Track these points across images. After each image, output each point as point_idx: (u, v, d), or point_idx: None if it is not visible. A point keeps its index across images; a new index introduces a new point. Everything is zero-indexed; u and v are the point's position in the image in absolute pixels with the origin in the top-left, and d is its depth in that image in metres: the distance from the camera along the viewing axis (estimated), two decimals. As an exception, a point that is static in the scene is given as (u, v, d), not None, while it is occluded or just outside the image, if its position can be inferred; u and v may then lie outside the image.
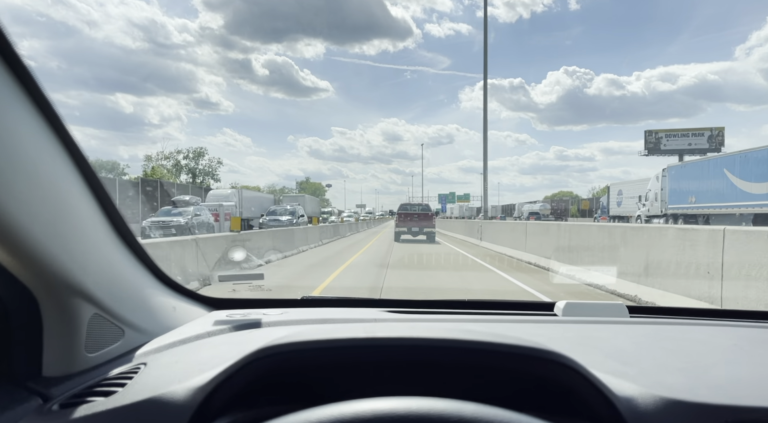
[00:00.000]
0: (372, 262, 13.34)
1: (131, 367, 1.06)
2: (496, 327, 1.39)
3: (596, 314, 1.51)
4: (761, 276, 5.60)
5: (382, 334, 0.86)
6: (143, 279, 1.32)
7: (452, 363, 0.86)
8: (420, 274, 11.15)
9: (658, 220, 28.86)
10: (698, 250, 6.65)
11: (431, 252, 16.67)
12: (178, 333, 1.30)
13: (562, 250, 11.56)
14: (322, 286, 8.93)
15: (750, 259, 5.77)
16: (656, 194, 29.78)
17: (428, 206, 25.57)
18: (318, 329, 0.91)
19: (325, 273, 10.93)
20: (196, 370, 0.93)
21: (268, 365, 0.84)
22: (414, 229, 23.30)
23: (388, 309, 1.62)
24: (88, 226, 1.06)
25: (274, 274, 10.29)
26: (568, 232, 11.63)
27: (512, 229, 16.54)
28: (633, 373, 0.96)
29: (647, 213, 30.85)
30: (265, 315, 1.47)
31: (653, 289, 7.38)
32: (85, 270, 1.03)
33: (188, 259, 8.70)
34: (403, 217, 23.69)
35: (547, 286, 9.18)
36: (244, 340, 1.23)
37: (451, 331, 0.87)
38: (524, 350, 0.83)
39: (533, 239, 13.94)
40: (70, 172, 0.98)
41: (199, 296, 1.64)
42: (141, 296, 1.28)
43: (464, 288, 8.88)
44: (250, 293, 6.93)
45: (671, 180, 28.37)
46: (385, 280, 9.58)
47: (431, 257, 14.68)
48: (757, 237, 5.75)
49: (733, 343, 1.23)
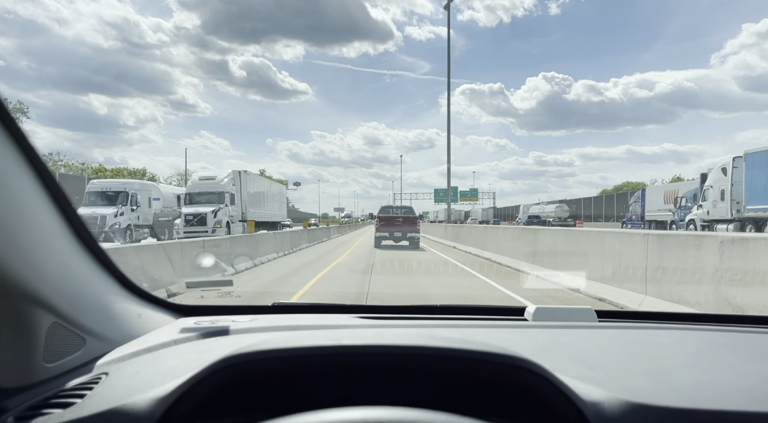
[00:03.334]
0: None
1: (92, 378, 1.03)
2: (467, 332, 1.39)
3: (566, 319, 1.53)
4: None
5: (348, 342, 0.85)
6: (106, 285, 1.29)
7: (420, 370, 0.86)
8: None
9: (726, 226, 21.50)
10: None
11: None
12: (143, 341, 1.26)
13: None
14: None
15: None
16: (722, 192, 22.32)
17: (412, 209, 23.73)
18: (284, 337, 0.90)
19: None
20: (158, 379, 0.91)
21: (232, 374, 0.83)
22: (396, 234, 21.63)
23: (360, 315, 1.61)
24: (46, 231, 1.03)
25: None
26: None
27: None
28: (600, 378, 0.97)
29: (706, 216, 23.42)
30: (233, 322, 1.45)
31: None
32: (43, 277, 1.00)
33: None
34: (384, 221, 21.86)
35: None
36: (211, 347, 1.21)
37: (418, 338, 0.87)
38: (491, 357, 0.84)
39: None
40: (24, 175, 0.95)
41: (165, 303, 1.60)
42: (103, 303, 1.25)
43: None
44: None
45: (752, 171, 20.47)
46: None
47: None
48: None
49: (696, 347, 1.27)
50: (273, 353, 0.83)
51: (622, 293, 7.71)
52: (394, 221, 21.77)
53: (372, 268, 13.26)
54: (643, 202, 37.41)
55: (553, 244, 11.33)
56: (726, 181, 22.22)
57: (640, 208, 37.64)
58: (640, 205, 37.72)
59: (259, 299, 8.16)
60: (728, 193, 21.92)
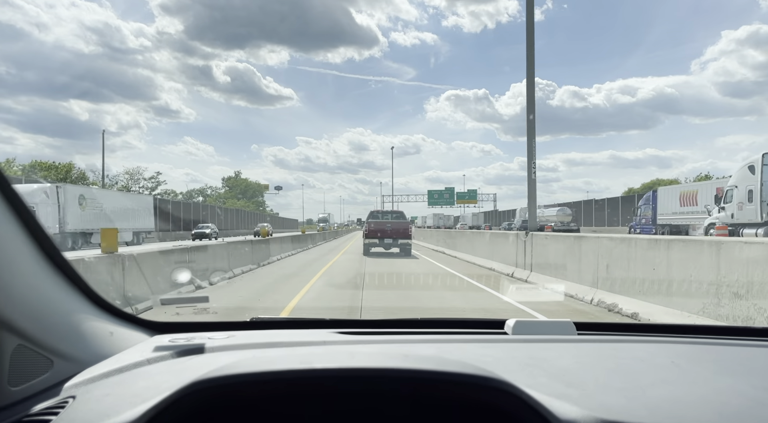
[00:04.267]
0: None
1: (58, 401, 0.99)
2: (445, 348, 1.39)
3: (545, 332, 1.54)
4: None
5: (320, 365, 0.84)
6: (75, 303, 1.25)
7: (394, 392, 0.85)
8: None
9: (755, 231, 18.71)
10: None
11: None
12: (115, 361, 1.23)
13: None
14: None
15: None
16: (750, 192, 19.40)
17: (402, 214, 22.60)
18: (257, 358, 0.88)
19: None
20: (128, 402, 0.88)
21: (203, 398, 0.81)
22: (386, 240, 20.22)
23: (339, 330, 1.59)
24: (9, 249, 0.99)
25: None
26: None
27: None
28: (576, 395, 0.98)
29: (729, 220, 20.55)
30: (210, 339, 1.42)
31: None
32: (6, 296, 0.96)
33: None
34: (373, 227, 20.48)
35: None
36: (185, 367, 1.18)
37: (391, 359, 0.86)
38: (465, 378, 0.83)
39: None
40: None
41: (139, 320, 1.56)
42: (72, 322, 1.21)
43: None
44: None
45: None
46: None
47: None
48: None
49: (670, 360, 1.28)
50: (243, 377, 0.82)
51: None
52: (384, 227, 20.51)
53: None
54: (654, 205, 33.51)
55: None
56: (754, 181, 19.27)
57: (650, 211, 33.87)
58: (651, 207, 33.87)
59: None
60: (757, 193, 19.08)
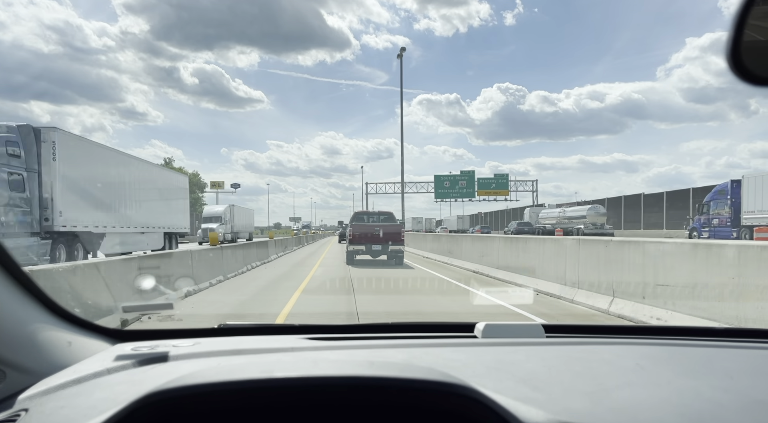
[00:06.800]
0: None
1: (9, 415, 0.95)
2: (414, 353, 1.38)
3: (514, 335, 1.55)
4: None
5: (281, 375, 0.82)
6: (30, 312, 1.19)
7: (359, 400, 0.84)
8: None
9: None
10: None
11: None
12: (72, 371, 1.18)
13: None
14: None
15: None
16: None
17: (392, 215, 19.05)
18: (216, 370, 0.85)
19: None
20: (84, 415, 0.84)
21: (159, 410, 0.78)
22: (375, 247, 16.84)
23: (308, 336, 1.57)
24: None
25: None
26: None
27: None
28: (542, 399, 0.98)
29: None
30: (174, 346, 1.37)
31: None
32: None
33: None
34: (359, 231, 17.07)
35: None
36: (146, 377, 1.14)
37: (356, 367, 0.85)
38: (430, 385, 0.83)
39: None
40: None
41: (100, 328, 1.50)
42: (26, 332, 1.16)
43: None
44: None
45: None
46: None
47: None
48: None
49: (635, 362, 1.29)
50: (200, 388, 0.79)
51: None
52: (371, 231, 17.07)
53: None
54: (736, 199, 26.08)
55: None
56: None
57: (728, 207, 26.59)
58: (729, 203, 26.50)
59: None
60: None
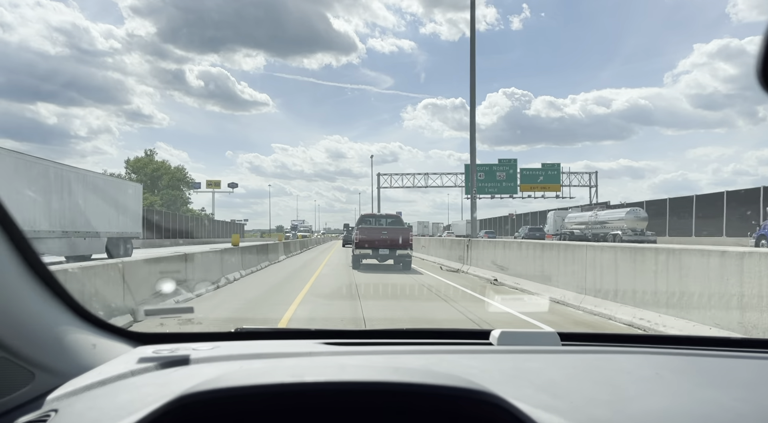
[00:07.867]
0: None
1: (40, 415, 0.97)
2: (432, 359, 1.39)
3: (530, 343, 1.54)
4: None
5: (311, 379, 0.84)
6: (57, 314, 1.23)
7: (383, 404, 0.85)
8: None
9: None
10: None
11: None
12: (97, 373, 1.21)
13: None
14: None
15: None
16: None
17: (400, 219, 18.97)
18: (244, 371, 0.87)
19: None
20: (113, 415, 0.87)
21: (188, 412, 0.80)
22: (381, 251, 16.41)
23: (324, 341, 1.58)
24: None
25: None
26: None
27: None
28: (563, 407, 0.98)
29: None
30: (194, 350, 1.40)
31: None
32: None
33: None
34: (366, 235, 16.64)
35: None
36: (169, 380, 1.16)
37: (381, 372, 0.86)
38: (453, 391, 0.84)
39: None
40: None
41: (123, 331, 1.54)
42: (54, 334, 1.19)
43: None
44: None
45: None
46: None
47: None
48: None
49: (655, 372, 1.28)
50: (232, 391, 0.81)
51: None
52: (378, 235, 16.66)
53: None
54: None
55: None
56: None
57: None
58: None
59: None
60: None
